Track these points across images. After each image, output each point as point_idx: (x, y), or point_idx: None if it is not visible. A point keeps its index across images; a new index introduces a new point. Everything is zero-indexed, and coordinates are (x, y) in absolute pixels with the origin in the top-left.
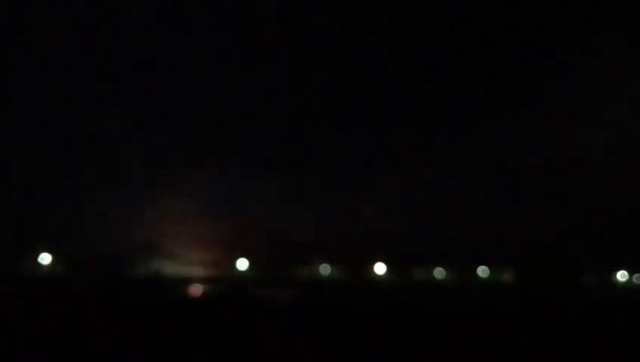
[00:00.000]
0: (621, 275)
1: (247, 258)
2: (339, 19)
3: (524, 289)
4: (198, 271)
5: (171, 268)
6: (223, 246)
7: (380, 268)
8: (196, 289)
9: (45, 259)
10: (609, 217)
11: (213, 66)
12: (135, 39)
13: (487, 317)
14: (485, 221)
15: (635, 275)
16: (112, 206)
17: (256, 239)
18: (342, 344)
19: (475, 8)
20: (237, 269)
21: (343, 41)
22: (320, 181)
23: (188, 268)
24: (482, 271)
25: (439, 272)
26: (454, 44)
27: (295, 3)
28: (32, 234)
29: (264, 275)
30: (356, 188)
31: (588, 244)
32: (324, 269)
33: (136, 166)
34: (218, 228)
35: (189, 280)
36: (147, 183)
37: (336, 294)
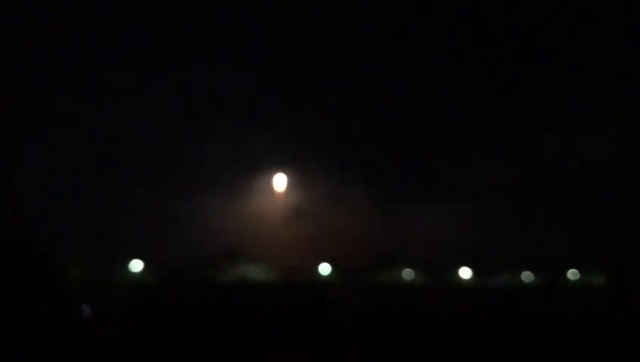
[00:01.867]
0: None
1: (330, 263)
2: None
3: (616, 292)
4: (281, 275)
5: (256, 273)
6: (306, 251)
7: (465, 273)
8: None
9: (136, 266)
10: None
11: (283, 70)
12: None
13: (577, 320)
14: (576, 223)
15: None
16: (199, 212)
17: (339, 244)
18: (427, 348)
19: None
20: (319, 274)
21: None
22: (404, 185)
23: (271, 272)
24: (572, 274)
25: (526, 276)
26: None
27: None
28: (124, 242)
29: (347, 280)
30: (441, 192)
31: None
32: (408, 274)
33: (222, 172)
34: (301, 233)
35: (273, 285)
36: (232, 189)
37: (419, 299)
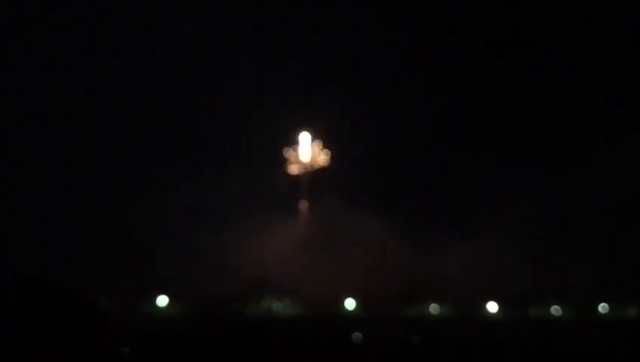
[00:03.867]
0: None
1: (355, 297)
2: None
3: None
4: (306, 309)
5: (281, 307)
6: (332, 285)
7: (492, 307)
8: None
9: (162, 301)
10: None
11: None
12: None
13: (610, 354)
14: (606, 257)
15: None
16: (224, 246)
17: (365, 278)
18: None
19: None
20: (345, 308)
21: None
22: (429, 220)
23: (297, 306)
24: (602, 307)
25: (555, 310)
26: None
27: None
28: (150, 277)
29: (372, 314)
30: (468, 227)
31: None
32: (434, 308)
33: (247, 208)
34: (327, 267)
35: (298, 319)
36: (257, 223)
37: (447, 333)
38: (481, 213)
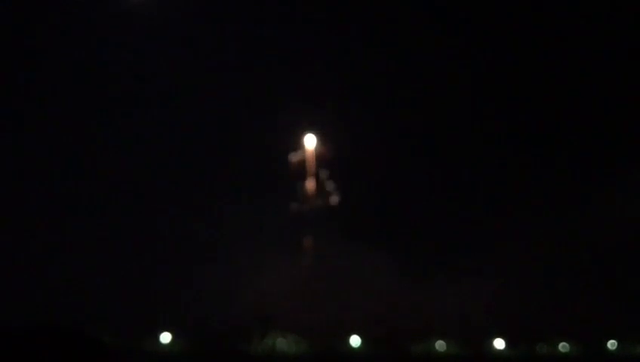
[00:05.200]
0: None
1: (360, 334)
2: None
3: None
4: (311, 346)
5: (285, 344)
6: (337, 322)
7: (499, 343)
8: None
9: (165, 337)
10: None
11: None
12: None
13: None
14: (613, 292)
15: None
16: (228, 283)
17: (370, 315)
18: None
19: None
20: (350, 345)
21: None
22: (435, 255)
23: (302, 343)
24: (611, 344)
25: (563, 346)
26: None
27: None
28: (153, 313)
29: (378, 352)
30: (471, 262)
31: None
32: (440, 346)
33: (251, 243)
34: (332, 303)
35: (303, 356)
36: (261, 259)
37: None
38: (487, 248)
